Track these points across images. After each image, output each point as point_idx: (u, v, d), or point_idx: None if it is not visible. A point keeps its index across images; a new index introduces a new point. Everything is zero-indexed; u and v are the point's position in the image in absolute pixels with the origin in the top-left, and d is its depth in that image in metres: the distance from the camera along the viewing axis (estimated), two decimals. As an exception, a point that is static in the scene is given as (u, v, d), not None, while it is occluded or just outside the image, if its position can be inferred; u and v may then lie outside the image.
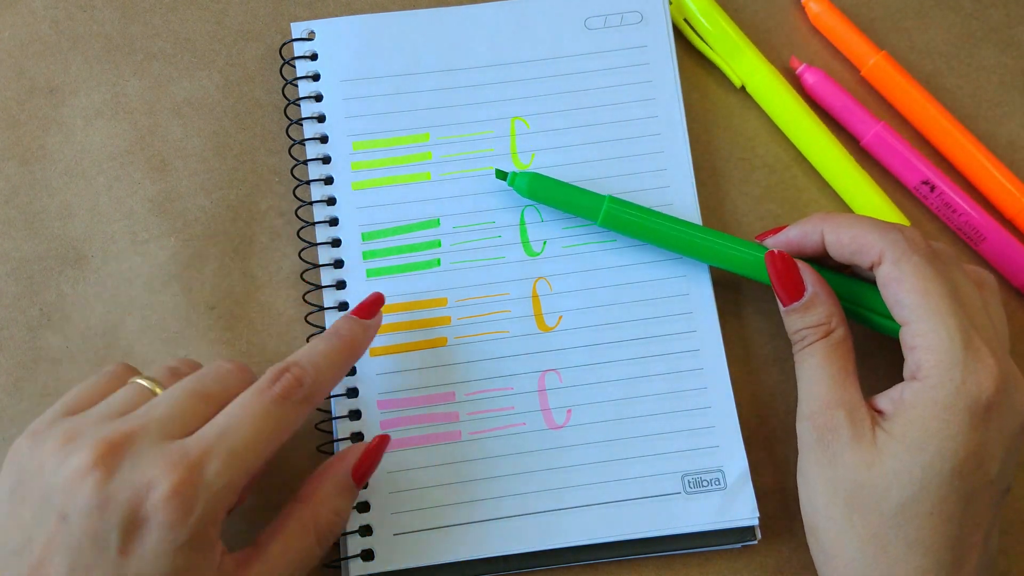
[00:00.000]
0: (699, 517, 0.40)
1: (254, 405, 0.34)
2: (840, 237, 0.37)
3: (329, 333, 0.38)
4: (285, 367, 0.35)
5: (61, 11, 0.47)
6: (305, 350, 0.36)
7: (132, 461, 0.31)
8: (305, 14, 0.47)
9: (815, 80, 0.46)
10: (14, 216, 0.44)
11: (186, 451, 0.32)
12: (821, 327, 0.37)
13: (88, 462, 0.31)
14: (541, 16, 0.46)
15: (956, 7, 0.48)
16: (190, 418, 0.33)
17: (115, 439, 0.32)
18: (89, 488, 0.30)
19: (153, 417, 0.33)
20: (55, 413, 0.35)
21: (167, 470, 0.31)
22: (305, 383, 0.35)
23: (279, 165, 0.45)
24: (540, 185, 0.42)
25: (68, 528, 0.30)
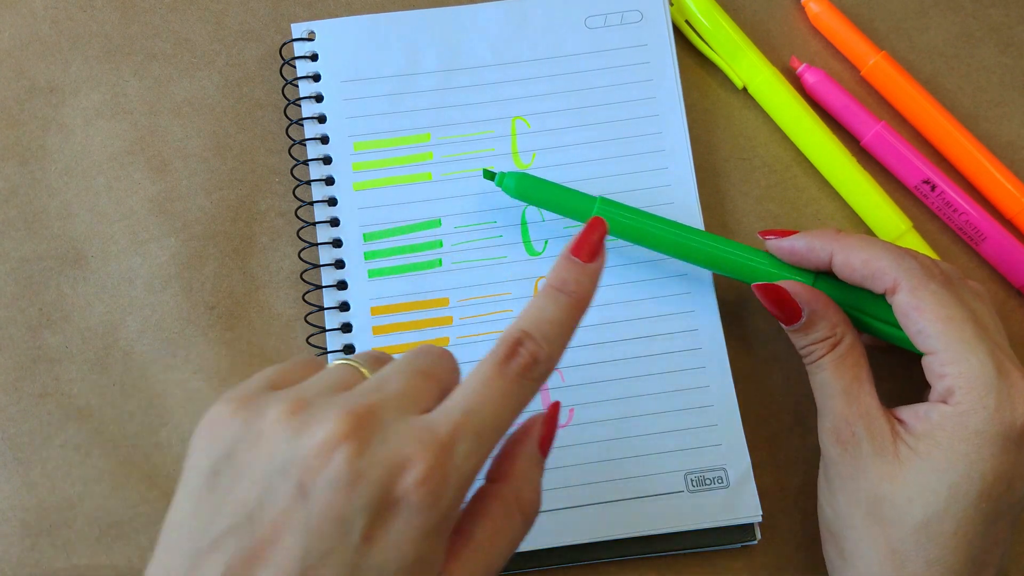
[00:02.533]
0: (702, 515, 0.40)
1: (494, 383, 0.30)
2: (851, 261, 0.36)
3: (553, 289, 0.33)
4: (518, 339, 0.31)
5: (61, 11, 0.47)
6: (533, 315, 0.32)
7: (382, 436, 0.28)
8: (305, 14, 0.47)
9: (815, 80, 0.46)
10: (14, 216, 0.44)
11: (434, 429, 0.28)
12: (826, 341, 0.37)
13: (338, 433, 0.27)
14: (541, 15, 0.46)
15: (956, 7, 0.48)
16: (422, 396, 0.30)
17: (360, 410, 0.28)
18: (339, 462, 0.27)
19: (388, 392, 0.30)
20: (259, 385, 0.31)
21: (420, 449, 0.27)
22: (540, 359, 0.31)
23: (279, 165, 0.45)
24: (528, 185, 0.41)
25: (307, 506, 0.27)
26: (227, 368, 0.43)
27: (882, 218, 0.44)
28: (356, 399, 0.29)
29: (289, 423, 0.28)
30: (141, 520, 0.41)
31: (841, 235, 0.37)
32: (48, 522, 0.41)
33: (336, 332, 0.42)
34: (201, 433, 0.29)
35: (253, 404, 0.29)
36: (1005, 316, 0.44)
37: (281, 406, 0.29)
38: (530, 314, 0.32)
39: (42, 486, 0.41)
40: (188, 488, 0.29)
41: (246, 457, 0.28)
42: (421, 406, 0.30)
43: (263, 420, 0.28)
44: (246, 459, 0.28)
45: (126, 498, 0.41)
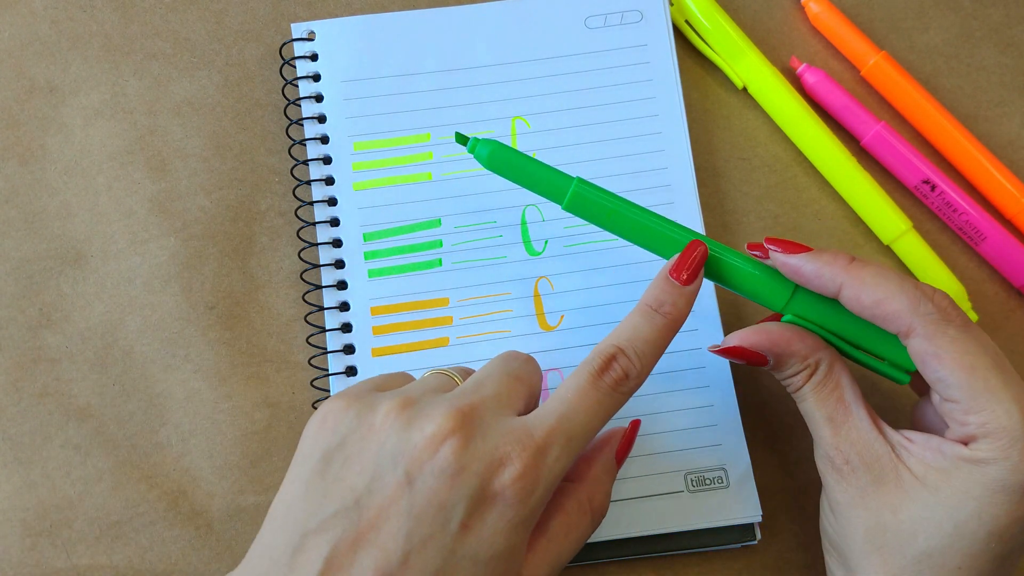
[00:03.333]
0: (702, 515, 0.40)
1: (588, 393, 0.33)
2: (862, 299, 0.33)
3: (649, 310, 0.35)
4: (612, 354, 0.34)
5: (61, 11, 0.47)
6: (628, 332, 0.35)
7: (483, 433, 0.31)
8: (305, 14, 0.47)
9: (815, 80, 0.46)
10: (14, 216, 0.44)
11: (530, 431, 0.31)
12: (800, 375, 0.36)
13: (447, 427, 0.30)
14: (541, 16, 0.46)
15: (956, 7, 0.48)
16: (515, 398, 0.33)
17: (465, 409, 0.31)
18: (447, 453, 0.30)
19: (486, 394, 0.33)
20: (367, 387, 0.34)
21: (518, 449, 0.31)
22: (631, 376, 0.34)
23: (279, 165, 0.45)
24: (502, 157, 0.38)
25: (412, 493, 0.29)
26: (227, 368, 0.43)
27: (882, 218, 0.44)
28: (460, 399, 0.32)
29: (399, 417, 0.31)
30: (141, 520, 0.41)
31: (854, 266, 0.34)
32: (48, 522, 0.41)
33: (336, 332, 0.42)
34: (315, 423, 0.32)
35: (366, 400, 0.32)
36: (1005, 316, 0.44)
37: (391, 402, 0.32)
38: (625, 331, 0.35)
39: (42, 486, 0.41)
40: (299, 472, 0.31)
41: (358, 447, 0.31)
42: (514, 407, 0.33)
43: (375, 414, 0.31)
44: (357, 448, 0.31)
45: (126, 498, 0.41)
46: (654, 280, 0.36)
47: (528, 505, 0.30)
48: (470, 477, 0.30)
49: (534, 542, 0.32)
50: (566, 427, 0.32)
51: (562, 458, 0.31)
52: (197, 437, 0.42)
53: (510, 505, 0.30)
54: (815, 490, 0.42)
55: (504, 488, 0.30)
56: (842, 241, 0.45)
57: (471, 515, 0.30)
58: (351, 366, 0.42)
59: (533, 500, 0.31)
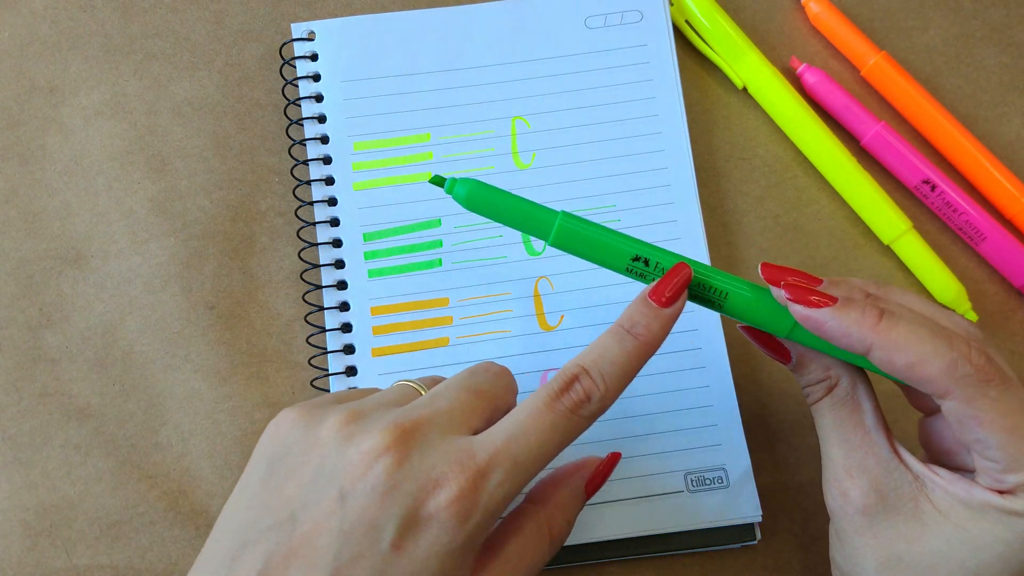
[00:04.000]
0: (702, 515, 0.40)
1: (542, 415, 0.31)
2: (894, 362, 0.31)
3: (621, 331, 0.33)
4: (574, 375, 0.32)
5: (61, 11, 0.47)
6: (596, 353, 0.33)
7: (422, 451, 0.30)
8: (305, 14, 0.47)
9: (815, 80, 0.46)
10: (14, 216, 0.44)
11: (473, 453, 0.30)
12: (821, 384, 0.34)
13: (382, 444, 0.29)
14: (541, 15, 0.46)
15: (956, 7, 0.48)
16: (470, 414, 0.32)
17: (406, 425, 0.30)
18: (379, 471, 0.29)
19: (437, 409, 0.31)
20: (327, 399, 0.34)
21: (456, 471, 0.29)
22: (594, 398, 0.32)
23: (279, 165, 0.45)
24: (482, 196, 0.35)
25: (344, 510, 0.29)
26: (227, 368, 0.43)
27: (882, 218, 0.44)
28: (405, 414, 0.31)
29: (341, 432, 0.30)
30: (141, 520, 0.41)
31: (883, 326, 0.31)
32: (48, 522, 0.41)
33: (336, 332, 0.42)
34: (268, 431, 0.32)
35: (316, 412, 0.32)
36: (1005, 316, 0.44)
37: (338, 416, 0.31)
38: (592, 351, 0.33)
39: (42, 486, 0.41)
40: (245, 481, 0.31)
41: (300, 459, 0.30)
42: (468, 425, 0.31)
43: (320, 427, 0.31)
44: (299, 461, 0.30)
45: (126, 498, 0.41)
46: (633, 301, 0.34)
47: (464, 530, 0.29)
48: (402, 496, 0.29)
49: (486, 563, 0.31)
50: (514, 450, 0.30)
51: (506, 483, 0.30)
52: (197, 437, 0.42)
53: (444, 529, 0.29)
54: (815, 490, 0.42)
55: (438, 511, 0.29)
56: (842, 241, 0.45)
57: (403, 536, 0.28)
58: (351, 366, 0.42)
59: (470, 525, 0.29)
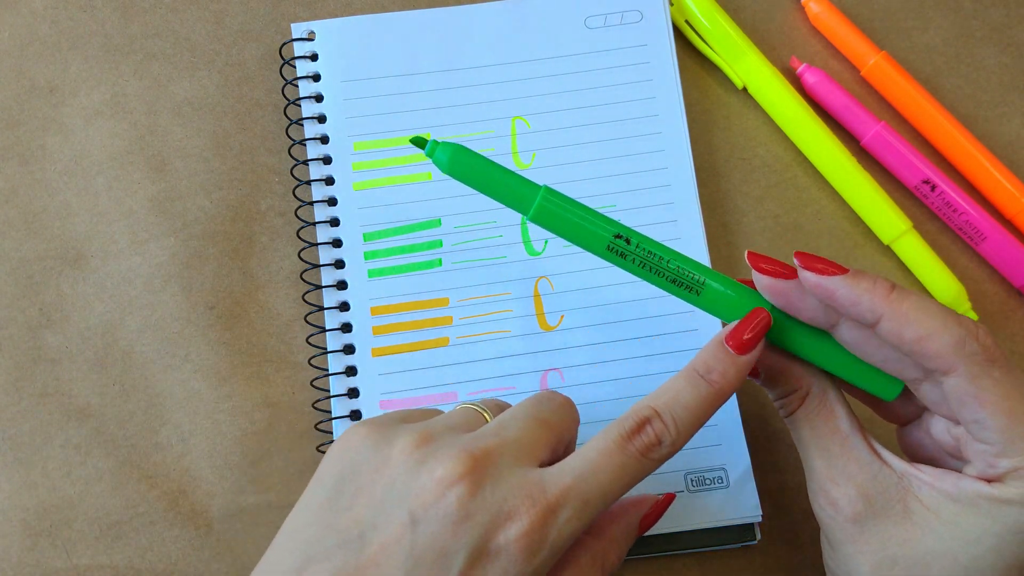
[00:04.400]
0: (702, 515, 0.40)
1: (613, 456, 0.31)
2: (903, 334, 0.31)
3: (696, 376, 0.33)
4: (647, 418, 0.32)
5: (61, 11, 0.47)
6: (669, 395, 0.33)
7: (494, 482, 0.30)
8: (305, 14, 0.47)
9: (815, 80, 0.46)
10: (14, 216, 0.44)
11: (544, 488, 0.30)
12: (794, 395, 0.34)
13: (456, 472, 0.29)
14: (541, 15, 0.46)
15: (956, 7, 0.48)
16: (538, 445, 0.32)
17: (478, 454, 0.30)
18: (453, 499, 0.29)
19: (507, 439, 0.31)
20: (393, 417, 0.34)
21: (527, 504, 0.29)
22: (665, 443, 0.32)
23: (279, 165, 0.45)
24: (464, 161, 0.34)
25: (415, 534, 0.29)
26: (227, 368, 0.43)
27: (882, 218, 0.44)
28: (476, 442, 0.31)
29: (413, 455, 0.30)
30: (141, 520, 0.41)
31: (895, 297, 0.31)
32: (48, 522, 0.41)
33: (336, 332, 0.42)
34: (335, 448, 0.32)
35: (386, 431, 0.32)
36: (1005, 316, 0.44)
37: (409, 437, 0.31)
38: (666, 394, 0.33)
39: (42, 486, 0.41)
40: (312, 496, 0.31)
41: (369, 479, 0.30)
42: (536, 456, 0.31)
43: (391, 447, 0.31)
44: (369, 480, 0.30)
45: (126, 498, 0.41)
46: (708, 343, 0.33)
47: (532, 565, 0.29)
48: (474, 527, 0.29)
49: None
50: (583, 488, 0.30)
51: (574, 520, 0.30)
52: (197, 437, 0.42)
53: (513, 563, 0.29)
54: (815, 490, 0.42)
55: (508, 544, 0.29)
56: (842, 241, 0.45)
57: (472, 566, 0.29)
58: (351, 366, 0.42)
59: (538, 561, 0.29)
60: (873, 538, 0.32)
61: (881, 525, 0.31)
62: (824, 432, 0.33)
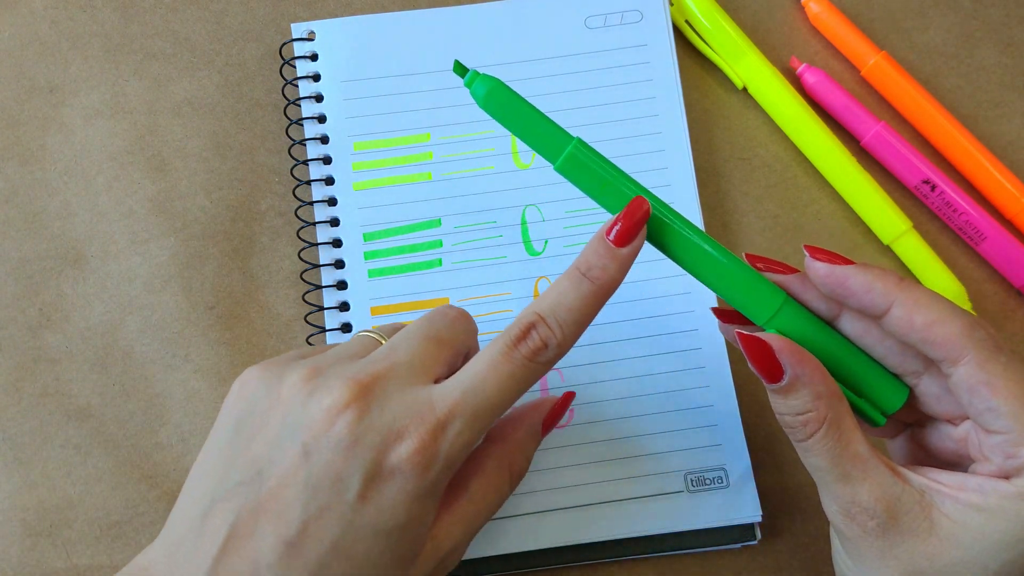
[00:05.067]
0: (702, 515, 0.40)
1: (500, 365, 0.32)
2: (913, 319, 0.31)
3: (577, 275, 0.33)
4: (531, 323, 0.32)
5: (61, 11, 0.47)
6: (552, 299, 0.33)
7: (381, 404, 0.31)
8: (305, 14, 0.47)
9: (815, 80, 0.46)
10: (14, 216, 0.44)
11: (433, 405, 0.31)
12: (809, 416, 0.31)
13: (343, 400, 0.30)
14: (541, 15, 0.46)
15: (956, 7, 0.48)
16: (430, 362, 0.33)
17: (365, 380, 0.31)
18: (342, 426, 0.30)
19: (396, 360, 0.32)
20: (289, 356, 0.34)
21: (416, 422, 0.30)
22: (551, 345, 0.32)
23: (279, 165, 0.45)
24: (501, 99, 0.34)
25: (309, 464, 0.30)
26: (227, 368, 0.43)
27: (882, 218, 0.44)
28: (364, 368, 0.32)
29: (302, 389, 0.31)
30: (141, 520, 0.41)
31: (905, 285, 0.31)
32: (48, 522, 0.41)
33: (336, 332, 0.42)
34: (232, 391, 0.33)
35: (277, 369, 0.32)
36: (1005, 316, 0.44)
37: (299, 372, 0.32)
38: (549, 297, 0.33)
39: (42, 486, 0.41)
40: (213, 440, 0.32)
41: (264, 418, 0.31)
42: (428, 374, 0.32)
43: (282, 385, 0.32)
44: (263, 419, 0.31)
45: (126, 498, 0.41)
46: (590, 239, 0.33)
47: (427, 478, 0.30)
48: (365, 450, 0.30)
49: (452, 502, 0.33)
50: (472, 401, 0.31)
51: (465, 432, 0.31)
52: (197, 437, 0.42)
53: (407, 479, 0.30)
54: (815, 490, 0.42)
55: (401, 462, 0.30)
56: (842, 241, 0.45)
57: (368, 487, 0.30)
58: (351, 366, 0.42)
59: (432, 473, 0.30)
60: (903, 555, 0.31)
61: (908, 542, 0.31)
62: (844, 457, 0.31)
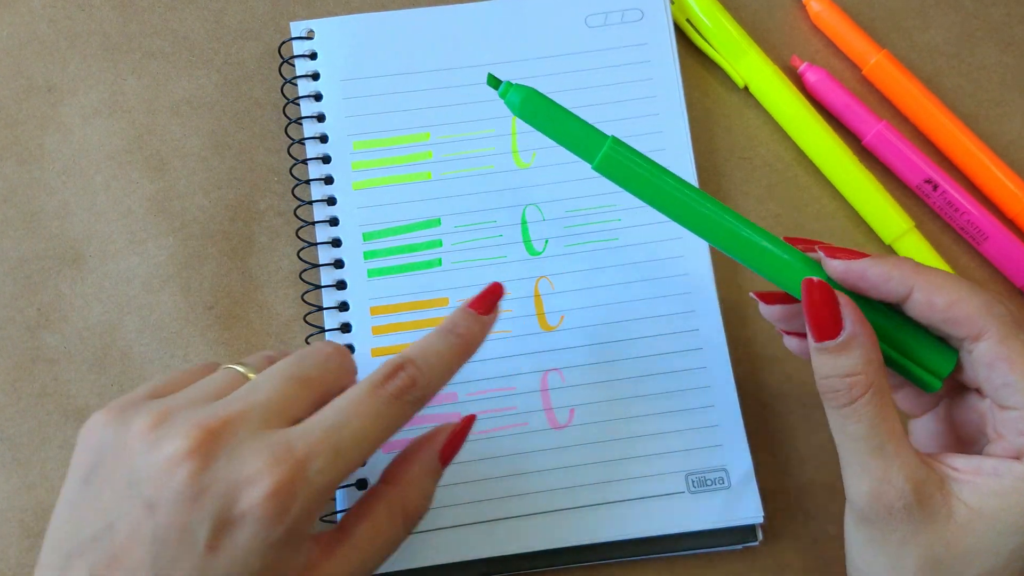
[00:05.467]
0: (703, 516, 0.40)
1: (365, 402, 0.31)
2: (934, 301, 0.31)
3: (446, 330, 0.35)
4: (400, 364, 0.33)
5: (59, 10, 0.47)
6: (421, 347, 0.34)
7: (230, 451, 0.29)
8: (304, 13, 0.47)
9: (817, 79, 0.46)
10: (12, 215, 0.44)
11: (291, 445, 0.30)
12: (857, 379, 0.31)
13: (183, 449, 0.29)
14: (541, 14, 0.46)
15: (957, 6, 0.48)
16: (291, 404, 0.31)
17: (212, 425, 0.29)
18: (182, 478, 0.28)
19: (253, 402, 0.31)
20: (139, 394, 0.33)
21: (270, 465, 0.29)
22: (419, 384, 0.32)
23: (278, 164, 0.45)
24: (535, 105, 0.35)
25: (155, 518, 0.28)
26: (226, 368, 0.42)
27: (884, 217, 0.44)
28: (214, 412, 0.30)
29: (148, 437, 0.30)
30: (140, 521, 0.41)
31: (921, 270, 0.32)
32: (46, 523, 0.41)
33: (335, 332, 0.42)
34: (80, 438, 0.32)
35: (125, 414, 0.31)
36: (1007, 316, 0.44)
37: (146, 419, 0.30)
38: (417, 345, 0.34)
39: (41, 487, 0.41)
40: (66, 491, 0.31)
41: (111, 467, 0.30)
42: (288, 416, 0.31)
43: (128, 432, 0.30)
44: (111, 469, 0.30)
45: (124, 499, 0.41)
46: (455, 310, 0.35)
47: (284, 522, 0.29)
48: (211, 499, 0.28)
49: (335, 547, 0.31)
50: (334, 438, 0.30)
51: (327, 471, 0.30)
52: (196, 438, 0.42)
53: (261, 524, 0.28)
54: (817, 491, 0.42)
55: (252, 508, 0.28)
56: (843, 240, 0.45)
57: (216, 536, 0.28)
58: (350, 366, 0.42)
59: (290, 517, 0.29)
60: (923, 539, 0.31)
61: (930, 527, 0.31)
62: (883, 428, 0.31)
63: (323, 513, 0.31)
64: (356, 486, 0.40)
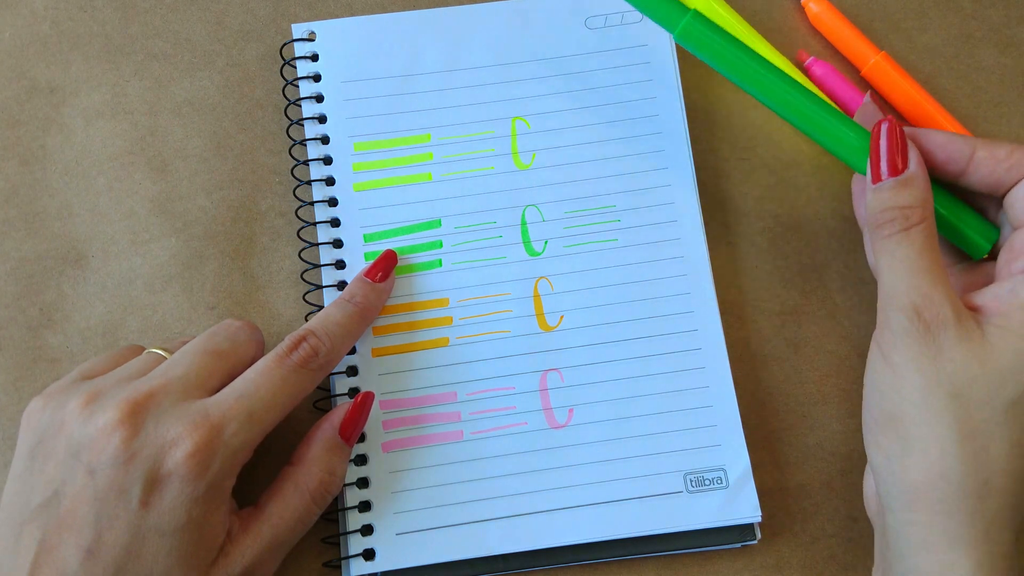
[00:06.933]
0: (701, 515, 0.40)
1: (272, 372, 0.36)
2: (997, 153, 0.35)
3: (343, 300, 0.40)
4: (302, 336, 0.38)
5: (61, 11, 0.47)
6: (320, 318, 0.39)
7: (155, 419, 0.34)
8: (306, 15, 0.47)
9: (823, 72, 0.46)
10: (14, 216, 0.44)
11: (207, 413, 0.34)
12: (914, 210, 0.35)
13: (115, 420, 0.33)
14: (542, 15, 0.46)
15: (956, 8, 0.48)
16: (207, 376, 0.36)
17: (139, 399, 0.34)
18: (116, 444, 0.33)
19: (172, 377, 0.35)
20: (70, 378, 0.37)
21: (190, 430, 0.34)
22: (321, 353, 0.37)
23: (279, 165, 0.45)
24: None
25: (95, 481, 0.33)
26: (227, 368, 0.43)
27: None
28: (139, 387, 0.35)
29: (82, 413, 0.34)
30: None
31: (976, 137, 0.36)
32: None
33: (336, 332, 0.42)
34: (23, 422, 0.36)
35: (60, 396, 0.36)
36: (1005, 316, 0.44)
37: (79, 398, 0.35)
38: (318, 318, 0.39)
39: (43, 486, 0.42)
40: (13, 470, 0.35)
41: (52, 443, 0.34)
42: (205, 387, 0.36)
43: (64, 411, 0.35)
44: (52, 445, 0.34)
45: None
46: (352, 280, 0.41)
47: (205, 479, 0.33)
48: (142, 461, 0.33)
49: (251, 522, 0.36)
50: (246, 404, 0.35)
51: (240, 433, 0.35)
52: (197, 437, 0.42)
53: (186, 481, 0.33)
54: (815, 490, 0.42)
55: (177, 466, 0.33)
56: (843, 241, 0.45)
57: (148, 493, 0.33)
58: (352, 366, 0.42)
59: (211, 474, 0.34)
60: (957, 357, 0.33)
61: (963, 347, 0.33)
62: (929, 257, 0.34)
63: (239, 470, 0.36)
64: (356, 485, 0.40)
